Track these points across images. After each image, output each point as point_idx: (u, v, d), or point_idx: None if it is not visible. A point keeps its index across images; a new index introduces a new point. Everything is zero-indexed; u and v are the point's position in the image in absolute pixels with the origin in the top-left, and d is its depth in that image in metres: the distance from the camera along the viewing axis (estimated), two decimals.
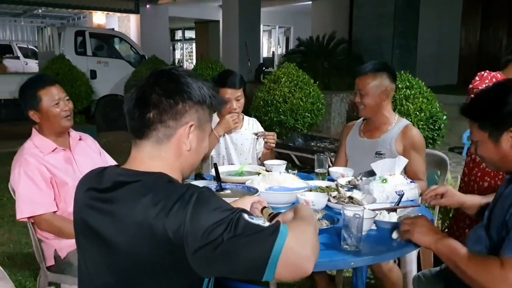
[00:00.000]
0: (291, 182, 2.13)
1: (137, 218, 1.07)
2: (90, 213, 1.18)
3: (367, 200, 1.99)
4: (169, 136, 1.20)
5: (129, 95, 1.22)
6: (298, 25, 19.17)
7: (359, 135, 2.70)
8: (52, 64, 8.54)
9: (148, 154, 1.20)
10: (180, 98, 1.19)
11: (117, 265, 1.13)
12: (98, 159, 2.43)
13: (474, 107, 1.62)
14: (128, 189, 1.13)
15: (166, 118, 1.18)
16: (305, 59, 9.48)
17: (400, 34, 9.45)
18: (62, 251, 2.18)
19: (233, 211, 1.08)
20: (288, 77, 6.18)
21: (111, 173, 1.21)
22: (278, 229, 1.06)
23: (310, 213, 1.33)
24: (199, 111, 1.22)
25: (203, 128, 1.26)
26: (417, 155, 2.50)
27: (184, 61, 22.88)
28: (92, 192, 1.20)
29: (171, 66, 1.28)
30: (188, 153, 1.23)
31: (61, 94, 2.27)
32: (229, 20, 12.60)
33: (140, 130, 1.20)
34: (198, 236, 1.02)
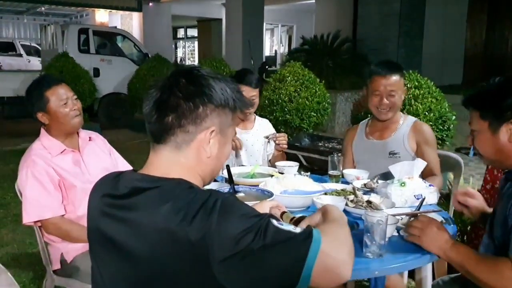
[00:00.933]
0: (306, 185, 2.07)
1: (158, 225, 1.00)
2: (106, 221, 1.11)
3: (386, 204, 1.92)
4: (189, 141, 1.12)
5: (147, 96, 1.14)
6: (301, 24, 19.13)
7: (366, 137, 2.62)
8: (55, 62, 8.49)
9: (166, 159, 1.13)
10: (200, 101, 1.10)
11: (136, 276, 1.06)
12: (108, 160, 2.37)
13: (478, 96, 1.61)
14: (147, 195, 1.06)
15: (186, 122, 1.10)
16: (309, 58, 9.42)
17: (406, 34, 9.40)
18: (68, 255, 2.12)
19: (261, 217, 1.01)
20: (293, 76, 6.11)
21: (128, 178, 1.13)
22: (311, 235, 1.00)
23: (340, 214, 1.26)
24: (221, 115, 1.14)
25: (225, 133, 1.17)
26: (430, 150, 2.46)
27: (186, 60, 22.82)
28: (108, 199, 1.13)
29: (192, 66, 1.20)
30: (208, 159, 1.15)
31: (69, 93, 2.20)
32: (233, 18, 12.55)
33: (158, 134, 1.13)
34: (226, 245, 0.95)
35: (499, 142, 1.52)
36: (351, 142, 2.69)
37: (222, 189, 2.03)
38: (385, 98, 2.44)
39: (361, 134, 2.67)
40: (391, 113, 2.49)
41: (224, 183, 2.22)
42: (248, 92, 2.68)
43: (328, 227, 1.15)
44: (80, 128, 2.30)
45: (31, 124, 2.34)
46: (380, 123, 2.59)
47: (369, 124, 2.66)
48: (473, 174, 5.77)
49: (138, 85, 8.83)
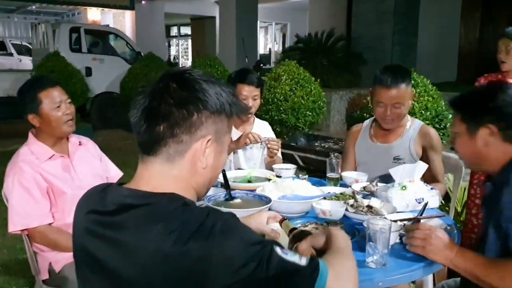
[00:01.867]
0: (305, 189, 2.00)
1: (149, 247, 0.91)
2: (92, 240, 1.02)
3: (387, 208, 1.86)
4: (182, 152, 1.02)
5: (135, 103, 1.03)
6: (294, 22, 19.06)
7: (370, 140, 2.52)
8: (46, 61, 8.37)
9: (157, 172, 1.03)
10: (194, 108, 1.00)
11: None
12: (99, 166, 2.29)
13: (461, 99, 1.62)
14: (137, 213, 0.96)
15: (179, 132, 1.00)
16: (304, 56, 9.36)
17: (400, 31, 9.35)
18: (57, 265, 2.04)
19: (264, 245, 0.94)
20: (289, 75, 6.07)
21: (116, 193, 1.04)
22: (318, 269, 0.95)
23: (346, 242, 1.17)
24: (217, 122, 1.04)
25: (222, 140, 1.08)
26: (436, 155, 2.39)
27: (180, 58, 22.70)
28: (93, 215, 1.03)
29: (184, 69, 1.09)
30: (204, 170, 1.06)
31: (63, 97, 2.11)
32: (226, 16, 12.47)
33: (148, 145, 1.02)
34: (226, 272, 0.88)
35: (476, 145, 1.53)
36: (353, 143, 2.59)
37: (218, 194, 1.96)
38: (389, 110, 2.31)
39: (364, 135, 2.57)
40: (396, 122, 2.38)
41: (219, 188, 2.14)
42: (250, 92, 2.60)
43: (334, 258, 1.07)
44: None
45: (22, 125, 2.25)
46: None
47: (374, 126, 2.55)
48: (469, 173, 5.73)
49: (131, 84, 8.74)
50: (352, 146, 2.59)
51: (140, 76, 8.62)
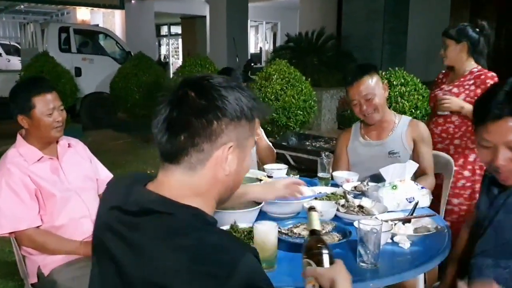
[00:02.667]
0: None
1: (162, 257, 0.91)
2: (110, 236, 1.02)
3: (378, 208, 1.87)
4: (204, 160, 1.01)
5: (156, 113, 1.03)
6: (285, 21, 19.06)
7: (362, 138, 2.55)
8: (35, 61, 8.26)
9: (178, 181, 1.02)
10: (214, 116, 0.99)
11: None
12: (88, 167, 2.27)
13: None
14: (157, 221, 0.96)
15: (199, 141, 0.99)
16: (294, 55, 9.36)
17: (390, 30, 9.38)
18: (46, 268, 2.02)
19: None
20: (279, 74, 6.04)
21: (140, 194, 1.02)
22: None
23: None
24: (238, 127, 1.02)
25: (244, 145, 1.06)
26: (426, 149, 2.44)
27: (170, 57, 22.62)
28: (117, 212, 1.02)
29: (203, 75, 1.06)
30: (227, 177, 1.04)
31: (56, 103, 2.10)
32: (217, 15, 12.43)
33: (170, 155, 1.02)
34: None
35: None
36: (345, 146, 2.62)
37: None
38: (363, 105, 2.41)
39: (356, 136, 2.60)
40: (377, 114, 2.44)
41: None
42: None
43: None
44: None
45: (12, 126, 2.22)
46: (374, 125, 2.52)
47: (363, 126, 2.59)
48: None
49: (120, 84, 8.66)
50: (344, 150, 2.61)
51: (130, 76, 8.54)
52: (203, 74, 1.06)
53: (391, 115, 2.52)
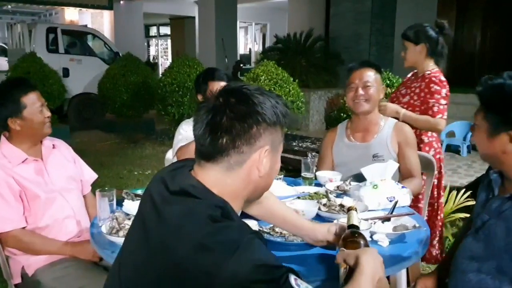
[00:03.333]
0: (279, 189, 2.02)
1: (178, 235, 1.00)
2: (148, 204, 1.13)
3: (359, 207, 1.88)
4: (242, 162, 1.10)
5: (197, 118, 1.12)
6: (274, 22, 19.10)
7: (348, 139, 2.57)
8: (22, 62, 8.22)
9: (213, 177, 1.11)
10: (254, 121, 1.08)
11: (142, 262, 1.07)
12: (72, 168, 2.28)
13: (491, 94, 1.48)
14: (188, 202, 1.06)
15: (240, 143, 1.08)
16: (283, 56, 9.41)
17: (378, 31, 9.46)
18: (29, 268, 2.03)
19: (279, 271, 0.97)
20: (267, 75, 6.09)
21: (185, 177, 1.13)
22: None
23: (371, 271, 1.14)
24: (273, 132, 1.12)
25: (277, 149, 1.17)
26: (411, 151, 2.44)
27: (159, 58, 22.57)
28: (162, 187, 1.12)
29: (241, 84, 1.15)
30: (260, 178, 1.13)
31: (42, 100, 2.13)
32: (205, 16, 12.43)
33: (210, 155, 1.11)
34: (234, 286, 0.92)
35: (494, 147, 1.46)
36: (331, 145, 2.63)
37: None
38: (360, 89, 2.42)
39: (341, 136, 2.61)
40: (367, 105, 2.44)
41: None
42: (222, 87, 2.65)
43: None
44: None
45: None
46: (361, 124, 2.54)
47: (349, 126, 2.60)
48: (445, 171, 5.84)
49: (108, 84, 8.67)
50: (329, 149, 2.62)
51: (118, 76, 8.55)
52: (240, 83, 1.16)
53: (378, 117, 2.52)
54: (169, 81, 7.62)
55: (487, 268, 1.47)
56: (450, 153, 6.75)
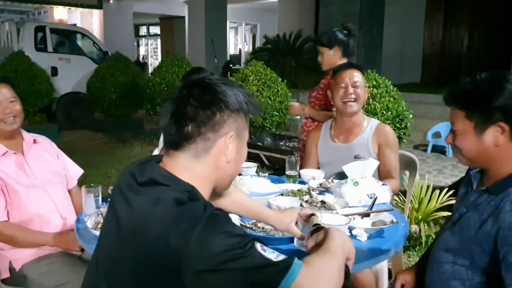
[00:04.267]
0: (263, 186, 2.07)
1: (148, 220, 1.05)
2: (118, 198, 1.17)
3: (340, 204, 1.95)
4: (208, 149, 1.16)
5: (162, 109, 1.18)
6: (264, 23, 19.16)
7: (332, 141, 2.63)
8: (10, 60, 8.17)
9: (181, 165, 1.16)
10: (217, 108, 1.14)
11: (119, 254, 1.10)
12: (56, 163, 2.30)
13: (464, 95, 1.49)
14: (156, 189, 1.11)
15: (205, 130, 1.14)
16: (272, 57, 9.48)
17: (366, 33, 9.54)
18: (17, 263, 2.05)
19: (244, 239, 1.02)
20: (256, 75, 6.12)
21: (153, 168, 1.17)
22: (290, 267, 1.01)
23: (339, 242, 1.18)
24: (237, 119, 1.18)
25: (242, 136, 1.22)
26: (391, 152, 2.50)
27: (149, 57, 22.52)
28: (131, 180, 1.17)
29: (204, 76, 1.21)
30: (227, 164, 1.19)
31: (7, 95, 2.13)
32: (195, 16, 12.46)
33: (177, 144, 1.16)
34: (203, 258, 0.98)
35: (484, 144, 1.46)
36: (315, 144, 2.69)
37: None
38: (350, 88, 2.49)
39: (325, 136, 2.67)
40: (356, 105, 2.50)
41: None
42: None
43: (317, 258, 1.12)
44: (25, 130, 2.25)
45: None
46: (344, 125, 2.60)
47: (333, 127, 2.66)
48: (430, 171, 5.93)
49: (97, 84, 8.64)
50: (313, 148, 2.68)
51: (107, 76, 8.53)
52: (203, 76, 1.21)
53: (362, 119, 2.59)
54: (158, 80, 7.63)
55: (462, 260, 1.51)
56: (436, 153, 6.85)
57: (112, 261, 1.12)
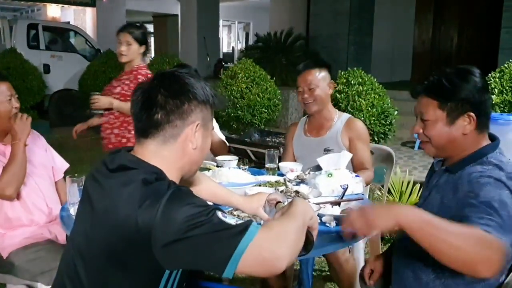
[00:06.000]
0: (240, 177, 2.16)
1: (117, 200, 1.13)
2: (91, 183, 1.26)
3: (314, 194, 2.04)
4: (176, 136, 1.24)
5: (134, 98, 1.27)
6: (257, 21, 19.21)
7: (304, 134, 2.75)
8: (2, 57, 8.24)
9: (151, 152, 1.25)
10: (185, 98, 1.24)
11: (92, 232, 1.19)
12: (44, 156, 2.38)
13: (437, 86, 1.59)
14: (125, 173, 1.19)
15: (173, 118, 1.23)
16: (263, 55, 9.55)
17: (356, 31, 9.66)
18: (4, 251, 2.14)
19: (206, 207, 1.11)
20: (245, 73, 6.21)
21: (123, 156, 1.26)
22: (247, 229, 1.08)
23: (300, 209, 1.25)
24: (204, 110, 1.28)
25: (207, 126, 1.32)
26: (362, 145, 2.60)
27: None
28: (102, 167, 1.25)
29: (173, 69, 1.34)
30: (194, 151, 1.28)
31: (12, 91, 2.22)
32: (188, 14, 12.51)
33: (147, 131, 1.25)
34: (168, 231, 1.06)
35: (454, 133, 1.55)
36: (291, 139, 2.81)
37: None
38: (306, 93, 2.60)
39: (300, 131, 2.79)
40: (316, 105, 2.62)
41: None
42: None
43: (276, 222, 1.21)
44: None
45: None
46: (316, 121, 2.71)
47: (307, 122, 2.79)
48: (417, 167, 6.03)
49: (89, 81, 8.71)
50: (290, 142, 2.81)
51: (99, 73, 8.60)
52: (173, 69, 1.33)
53: (332, 113, 2.70)
54: None
55: None
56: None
57: (86, 240, 1.21)
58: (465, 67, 1.62)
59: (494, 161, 1.51)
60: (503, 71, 3.96)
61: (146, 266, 1.12)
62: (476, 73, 1.57)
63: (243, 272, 1.10)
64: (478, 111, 1.54)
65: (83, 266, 1.20)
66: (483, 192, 1.39)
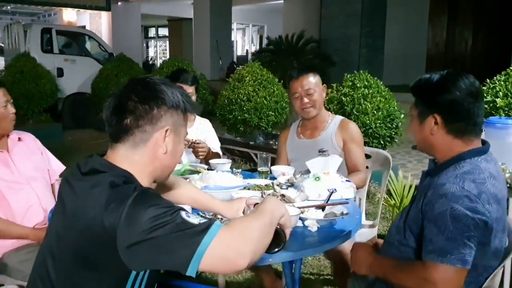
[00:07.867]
0: (228, 180, 2.16)
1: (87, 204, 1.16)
2: (64, 186, 1.29)
3: (301, 197, 2.04)
4: (146, 140, 1.27)
5: (106, 104, 1.29)
6: (271, 24, 19.26)
7: (298, 137, 2.75)
8: (16, 61, 8.37)
9: (121, 156, 1.28)
10: (155, 104, 1.26)
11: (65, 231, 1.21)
12: (39, 159, 2.42)
13: (419, 84, 1.65)
14: (96, 177, 1.21)
15: (143, 123, 1.25)
16: (274, 58, 9.56)
17: (367, 34, 9.62)
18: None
19: (171, 208, 1.13)
20: (252, 76, 6.21)
21: (95, 160, 1.28)
22: (209, 227, 1.10)
23: (269, 206, 1.29)
24: (174, 115, 1.30)
25: (179, 131, 1.33)
26: (356, 147, 2.60)
27: (158, 59, 22.74)
28: (76, 171, 1.28)
29: (146, 76, 1.36)
30: (164, 156, 1.30)
31: (8, 97, 2.28)
32: (201, 18, 12.62)
33: (117, 135, 1.27)
34: (133, 232, 1.08)
35: (423, 131, 1.61)
36: (285, 143, 2.82)
37: None
38: (304, 97, 2.59)
39: (293, 134, 2.80)
40: (314, 110, 2.62)
41: None
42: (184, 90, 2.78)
43: (240, 219, 1.25)
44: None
45: None
46: (309, 123, 2.71)
47: (300, 125, 2.80)
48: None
49: (101, 84, 8.81)
50: (283, 146, 2.82)
51: (111, 77, 8.69)
52: (145, 75, 1.36)
53: (326, 115, 2.71)
54: None
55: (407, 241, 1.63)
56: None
57: (57, 240, 1.24)
58: (449, 71, 1.63)
59: (464, 169, 1.52)
60: (508, 73, 3.88)
61: (113, 267, 1.14)
62: (462, 79, 1.57)
63: (207, 269, 1.12)
64: (446, 114, 1.56)
65: (53, 265, 1.23)
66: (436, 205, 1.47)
